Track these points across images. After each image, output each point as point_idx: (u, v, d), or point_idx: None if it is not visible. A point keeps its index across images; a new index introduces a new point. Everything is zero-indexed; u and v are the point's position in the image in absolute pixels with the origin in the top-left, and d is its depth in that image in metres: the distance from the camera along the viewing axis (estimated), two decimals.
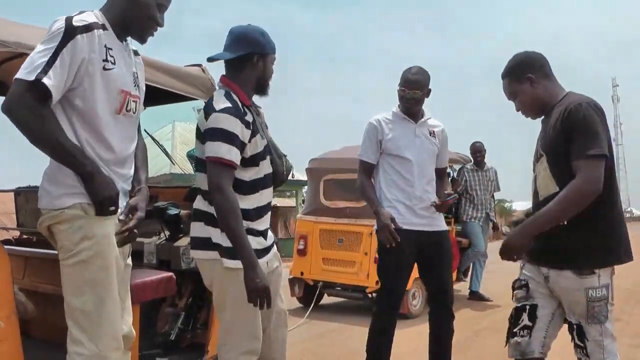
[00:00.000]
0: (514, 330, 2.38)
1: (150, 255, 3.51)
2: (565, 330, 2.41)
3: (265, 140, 2.40)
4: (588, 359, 2.26)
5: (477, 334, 4.89)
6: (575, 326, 2.29)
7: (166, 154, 4.68)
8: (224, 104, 2.27)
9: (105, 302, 2.01)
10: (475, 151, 7.12)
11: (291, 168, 2.55)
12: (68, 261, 2.00)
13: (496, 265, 6.50)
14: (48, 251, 2.80)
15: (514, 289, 2.45)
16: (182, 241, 3.45)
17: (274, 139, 2.51)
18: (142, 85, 2.27)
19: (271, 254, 2.46)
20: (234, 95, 2.33)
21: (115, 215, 2.05)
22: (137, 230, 2.10)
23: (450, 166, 6.58)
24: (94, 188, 1.97)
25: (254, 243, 2.29)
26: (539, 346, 2.34)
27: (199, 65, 3.30)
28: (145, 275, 2.96)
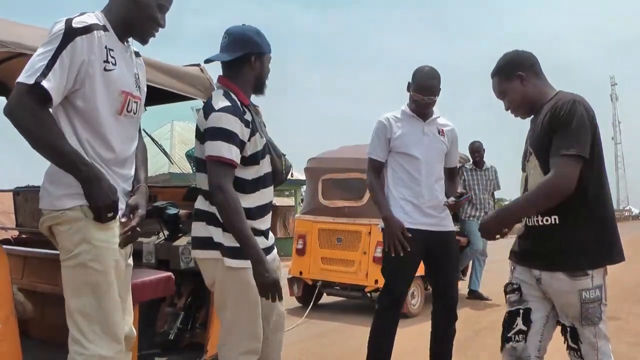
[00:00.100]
0: (509, 335, 2.35)
1: (149, 255, 3.51)
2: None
3: (265, 139, 2.41)
4: None
5: (477, 333, 4.90)
6: (568, 328, 2.26)
7: (165, 153, 4.67)
8: (223, 103, 2.28)
9: (104, 304, 2.00)
10: (474, 151, 7.12)
11: (290, 167, 2.55)
12: (68, 262, 2.01)
13: (496, 265, 6.51)
14: (47, 251, 2.80)
15: (506, 293, 2.42)
16: (181, 241, 3.45)
17: (272, 139, 2.51)
18: (144, 87, 2.27)
19: (272, 255, 2.45)
20: (232, 95, 2.34)
21: (114, 220, 2.05)
22: (140, 228, 2.10)
23: None
24: (93, 194, 1.96)
25: None
26: (535, 351, 2.31)
27: (198, 65, 3.30)
28: (144, 275, 2.96)
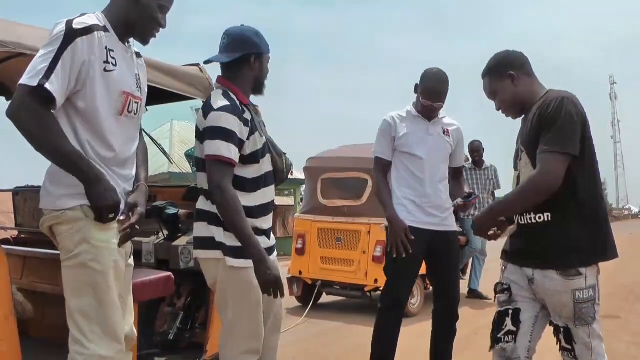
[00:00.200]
0: (499, 335, 2.34)
1: (149, 254, 3.51)
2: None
3: (264, 138, 2.41)
4: None
5: (476, 332, 4.89)
6: (562, 329, 2.25)
7: (164, 153, 4.66)
8: (222, 102, 2.28)
9: (104, 305, 2.00)
10: (473, 150, 7.12)
11: (291, 165, 2.56)
12: (68, 262, 2.01)
13: (495, 264, 6.47)
14: (46, 251, 2.80)
15: (496, 293, 2.42)
16: (181, 241, 3.45)
17: (272, 138, 2.51)
18: (145, 87, 2.27)
19: (273, 256, 2.44)
20: (232, 94, 2.35)
21: (115, 221, 2.05)
22: (139, 226, 2.09)
23: None
24: (95, 195, 1.97)
25: None
26: (524, 351, 2.30)
27: (197, 65, 3.30)
28: (143, 275, 2.96)
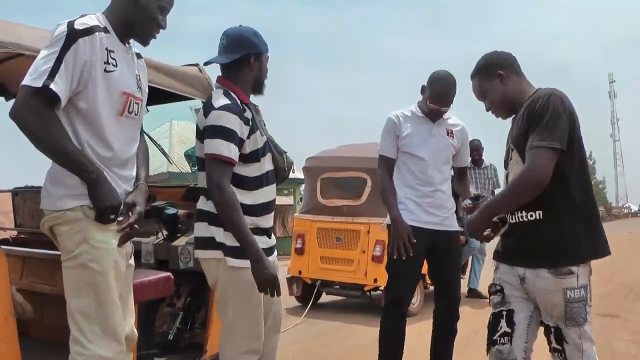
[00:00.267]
0: (494, 338, 2.33)
1: (148, 255, 3.50)
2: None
3: (265, 137, 2.41)
4: None
5: (476, 331, 4.88)
6: (553, 329, 2.23)
7: (163, 153, 4.66)
8: (223, 101, 2.29)
9: (104, 305, 2.00)
10: (473, 149, 7.09)
11: (292, 164, 2.56)
12: (68, 263, 2.01)
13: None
14: (46, 251, 2.80)
15: (490, 294, 2.40)
16: (180, 241, 3.44)
17: (273, 137, 2.52)
18: (145, 88, 2.27)
19: (272, 257, 2.44)
20: (232, 94, 2.35)
21: (115, 222, 2.05)
22: (138, 225, 2.10)
23: None
24: (98, 196, 1.97)
25: (258, 242, 2.28)
26: (521, 352, 2.29)
27: (196, 65, 3.30)
28: (143, 275, 2.96)
